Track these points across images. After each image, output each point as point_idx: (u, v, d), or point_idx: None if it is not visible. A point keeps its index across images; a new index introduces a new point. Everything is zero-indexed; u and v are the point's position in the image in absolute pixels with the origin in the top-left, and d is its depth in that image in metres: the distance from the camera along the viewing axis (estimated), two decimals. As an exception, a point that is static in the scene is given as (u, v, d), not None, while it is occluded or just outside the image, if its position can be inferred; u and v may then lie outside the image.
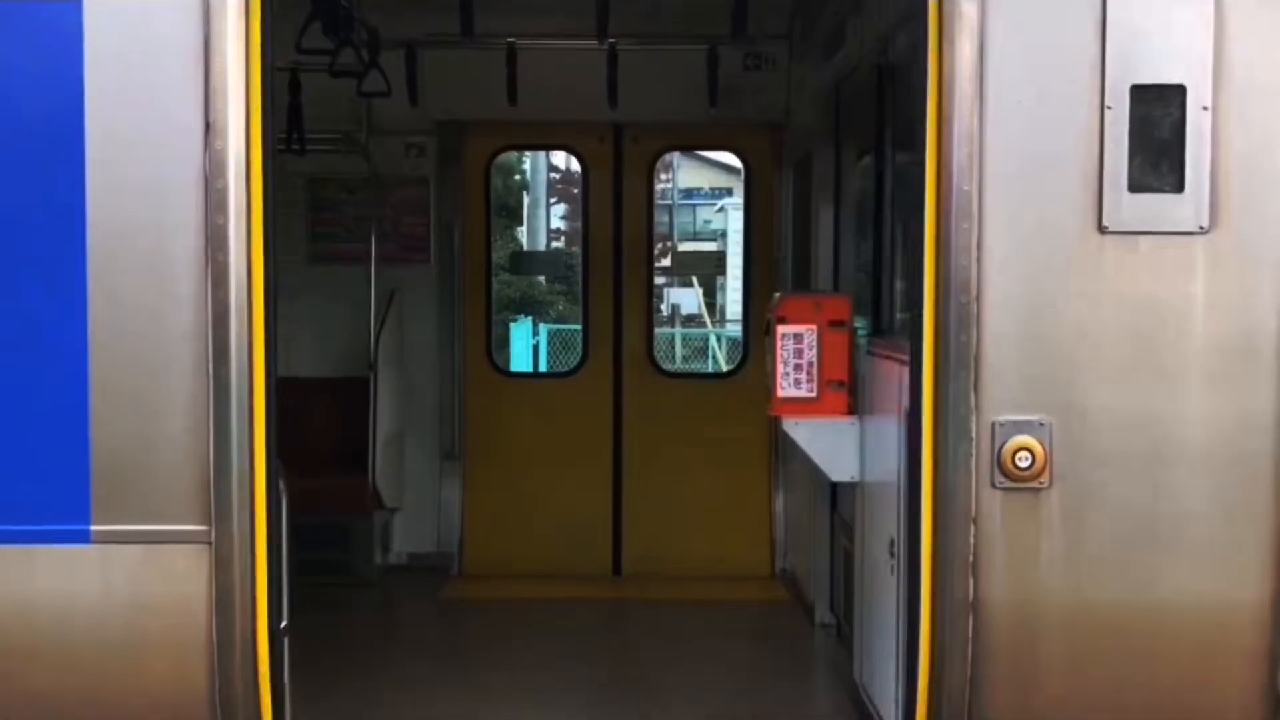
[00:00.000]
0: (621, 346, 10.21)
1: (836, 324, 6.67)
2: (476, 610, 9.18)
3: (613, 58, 9.14)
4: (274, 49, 5.02)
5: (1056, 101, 4.93)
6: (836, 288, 7.92)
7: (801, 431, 6.74)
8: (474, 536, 10.08)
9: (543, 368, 20.83)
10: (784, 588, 9.62)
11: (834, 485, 7.67)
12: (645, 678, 7.74)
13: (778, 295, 7.36)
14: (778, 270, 9.85)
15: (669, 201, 28.85)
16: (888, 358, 6.10)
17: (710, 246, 27.78)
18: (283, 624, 5.13)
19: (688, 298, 28.20)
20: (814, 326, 6.65)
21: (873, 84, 6.94)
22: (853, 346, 6.68)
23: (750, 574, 9.91)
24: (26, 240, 4.98)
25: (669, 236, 27.87)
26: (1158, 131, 4.94)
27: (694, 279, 26.71)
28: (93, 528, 4.99)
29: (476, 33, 8.57)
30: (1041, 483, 4.96)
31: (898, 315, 6.37)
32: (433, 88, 9.50)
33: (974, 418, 4.95)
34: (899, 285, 6.36)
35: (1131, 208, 4.93)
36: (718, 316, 27.42)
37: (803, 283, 8.83)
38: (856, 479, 6.78)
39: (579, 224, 11.93)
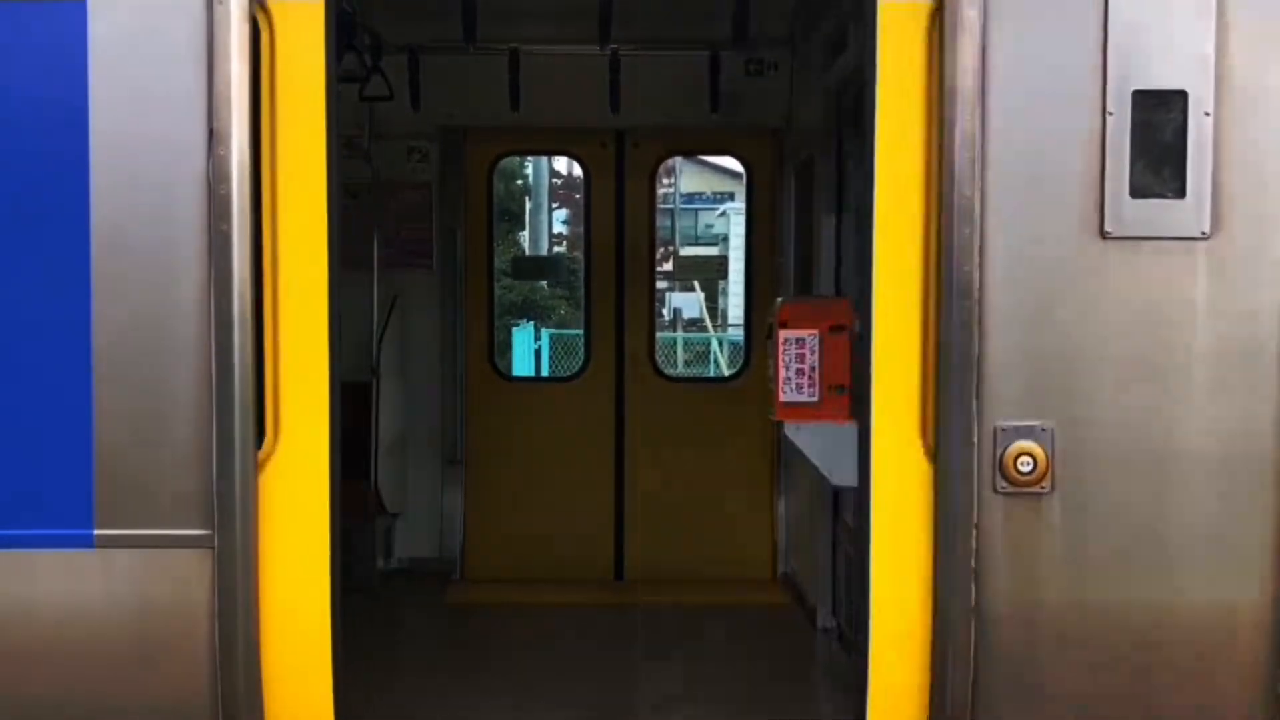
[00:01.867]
0: (623, 351, 10.20)
1: (838, 328, 6.66)
2: (478, 615, 9.17)
3: (614, 63, 9.15)
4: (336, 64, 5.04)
5: (1058, 107, 4.94)
6: (839, 292, 7.91)
7: (803, 436, 6.72)
8: (476, 541, 10.06)
9: (545, 372, 20.82)
10: (786, 592, 9.61)
11: (836, 489, 7.67)
12: (647, 682, 7.73)
13: (779, 299, 7.36)
14: (779, 274, 9.84)
15: (671, 206, 28.87)
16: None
17: (712, 251, 27.80)
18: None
19: (690, 302, 28.22)
20: (816, 331, 6.63)
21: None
22: (855, 350, 6.67)
23: (752, 578, 9.90)
24: (29, 244, 4.99)
25: (671, 241, 27.88)
26: (1159, 137, 4.95)
27: (696, 283, 26.73)
28: (96, 532, 5.00)
29: (479, 38, 8.58)
30: (1043, 487, 4.96)
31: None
32: (435, 93, 9.50)
33: (976, 423, 4.95)
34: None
35: (1133, 213, 4.94)
36: (719, 321, 27.43)
37: (805, 287, 8.83)
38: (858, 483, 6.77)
39: (581, 229, 11.92)
